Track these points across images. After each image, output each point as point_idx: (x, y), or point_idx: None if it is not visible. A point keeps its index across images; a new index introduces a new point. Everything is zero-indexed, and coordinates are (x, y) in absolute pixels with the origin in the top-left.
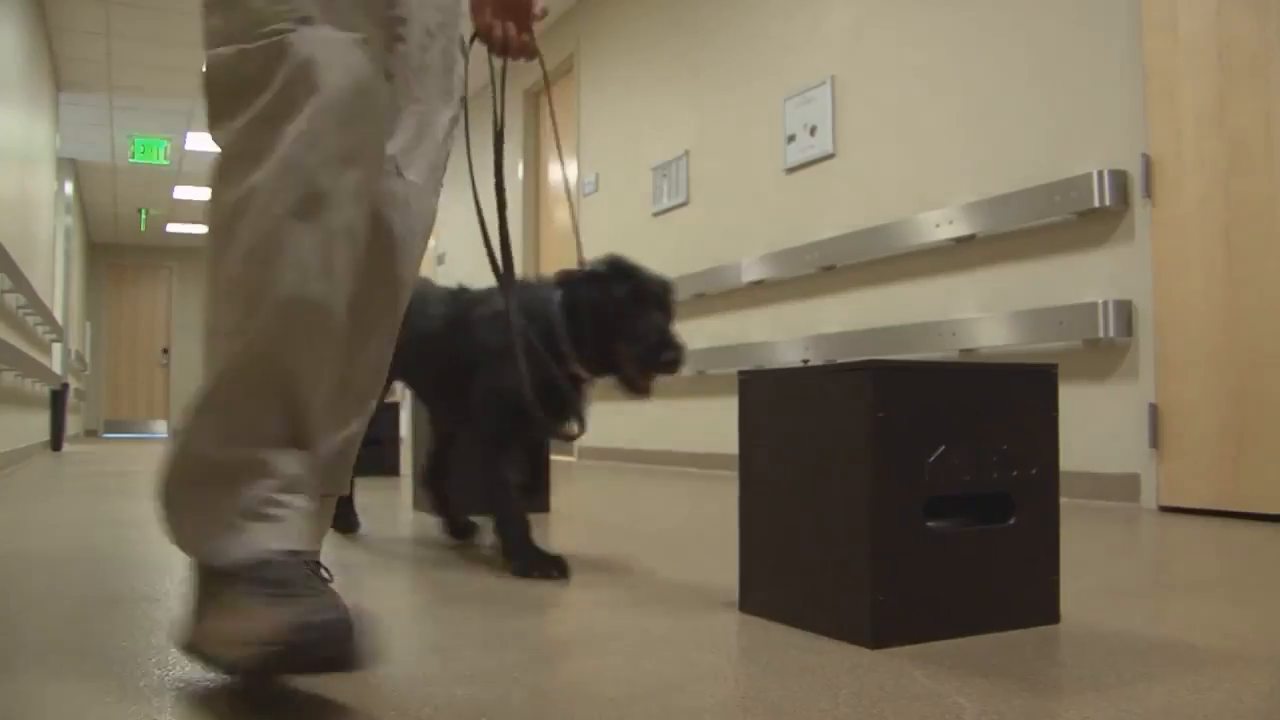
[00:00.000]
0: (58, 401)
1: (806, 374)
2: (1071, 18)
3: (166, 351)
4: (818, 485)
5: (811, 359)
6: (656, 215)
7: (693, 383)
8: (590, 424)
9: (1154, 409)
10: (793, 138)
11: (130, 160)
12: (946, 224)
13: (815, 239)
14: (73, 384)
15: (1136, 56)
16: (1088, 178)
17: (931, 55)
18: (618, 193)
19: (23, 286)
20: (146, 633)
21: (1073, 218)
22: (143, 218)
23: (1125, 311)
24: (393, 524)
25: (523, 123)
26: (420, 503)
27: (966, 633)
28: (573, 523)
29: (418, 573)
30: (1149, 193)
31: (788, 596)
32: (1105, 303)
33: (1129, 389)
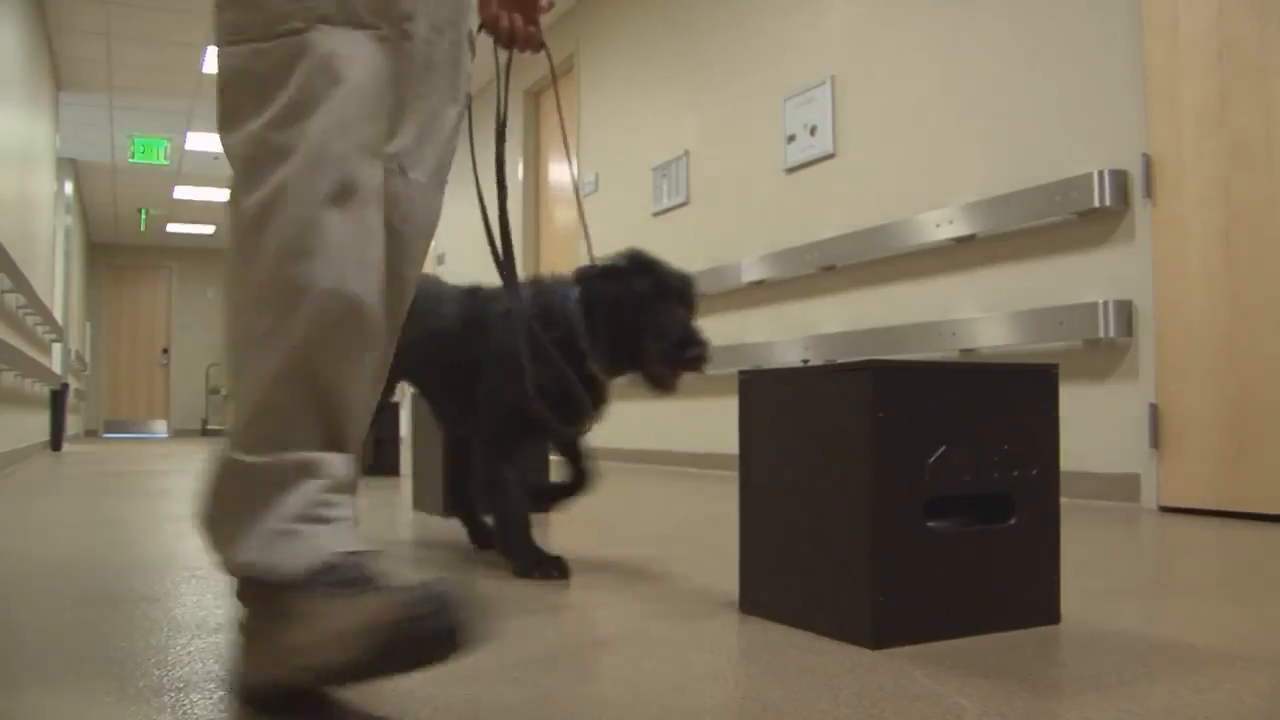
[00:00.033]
0: (57, 401)
1: (806, 374)
2: (1072, 17)
3: (166, 351)
4: (818, 485)
5: (811, 359)
6: (656, 215)
7: (693, 383)
8: (607, 422)
9: (1154, 409)
10: (793, 138)
11: (130, 160)
12: (947, 224)
13: (815, 239)
14: (73, 384)
15: (1137, 56)
16: (1088, 178)
17: (932, 55)
18: (618, 193)
19: (23, 286)
20: (146, 633)
21: (1073, 218)
22: (143, 218)
23: (1125, 311)
24: (392, 524)
25: (523, 122)
26: (420, 502)
27: (967, 633)
28: (573, 523)
29: (417, 573)
30: (1149, 193)
31: (788, 597)
32: (1105, 303)
33: (1129, 389)
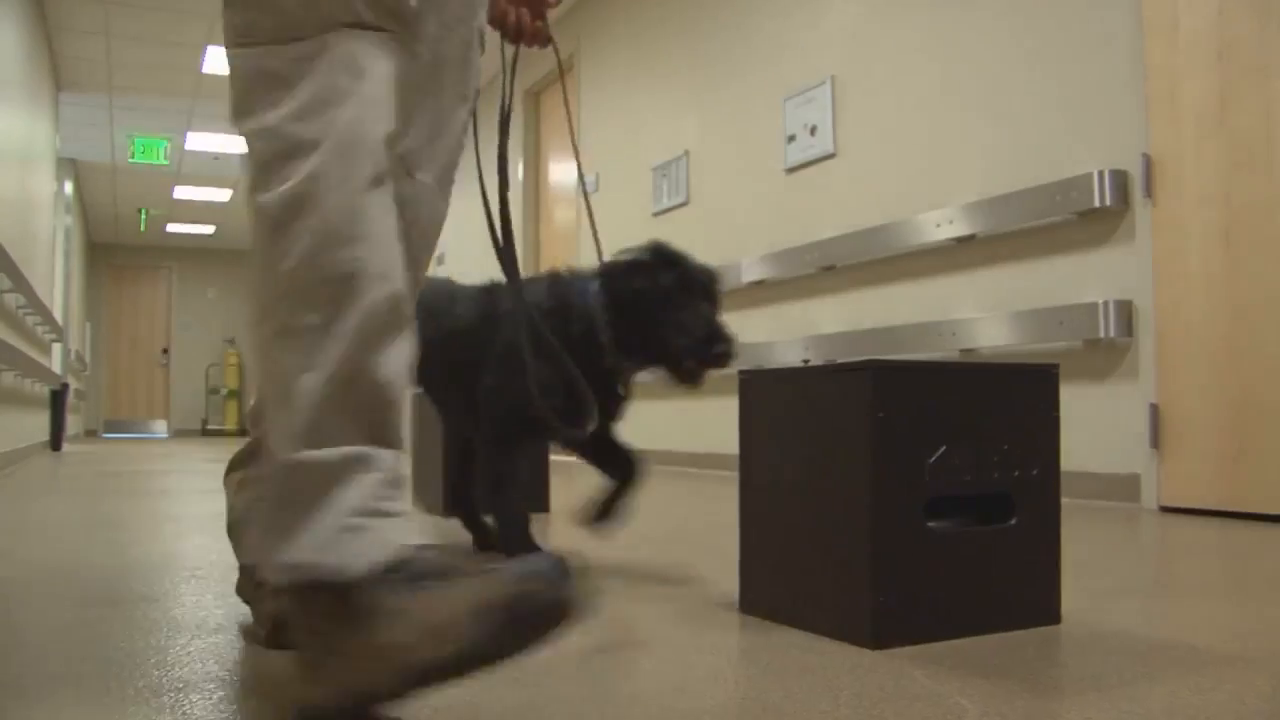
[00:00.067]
0: (57, 401)
1: (806, 374)
2: (1072, 17)
3: (166, 351)
4: (818, 485)
5: (811, 359)
6: (656, 215)
7: None
8: (627, 421)
9: (1154, 409)
10: (793, 137)
11: (130, 160)
12: (947, 224)
13: (815, 239)
14: (72, 384)
15: (1137, 56)
16: (1088, 177)
17: (932, 55)
18: (618, 192)
19: (22, 286)
20: (145, 633)
21: (1073, 218)
22: (143, 218)
23: (1126, 311)
24: None
25: (523, 121)
26: (420, 501)
27: (967, 633)
28: (573, 522)
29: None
30: (1149, 193)
31: (788, 597)
32: (1105, 303)
33: (1129, 389)
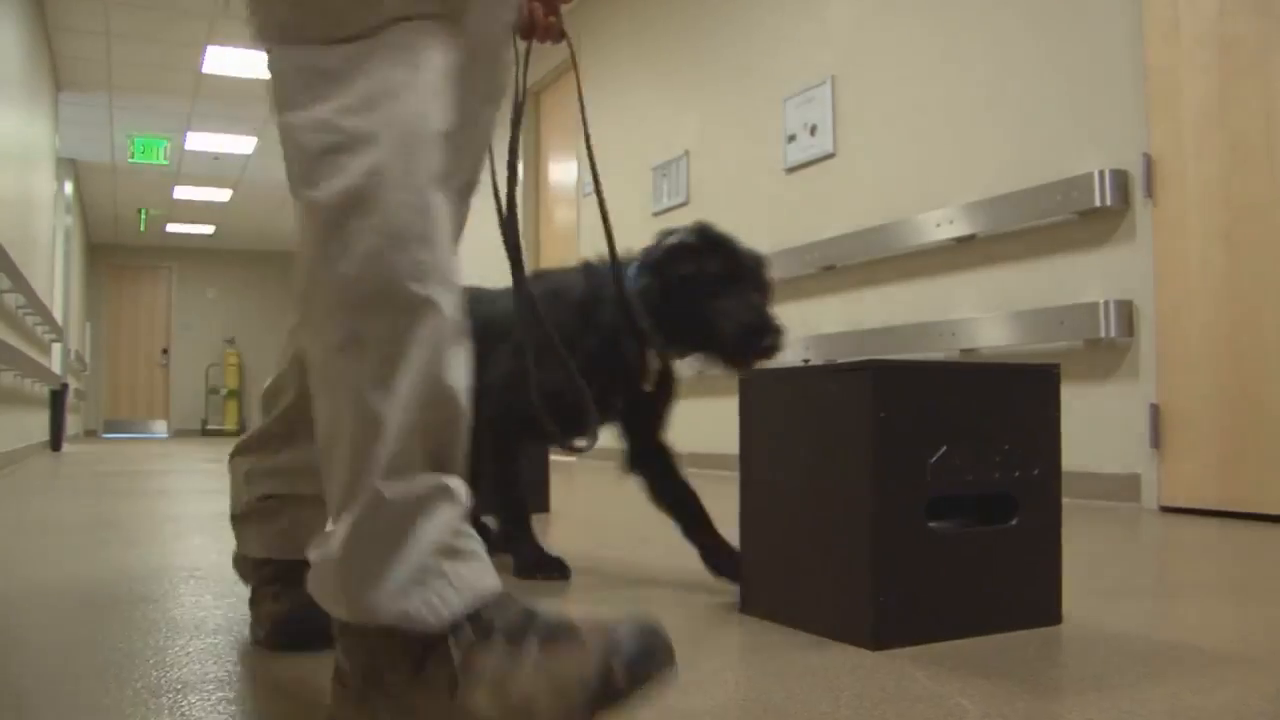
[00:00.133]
0: (57, 401)
1: (807, 374)
2: (1072, 17)
3: (166, 351)
4: (819, 485)
5: (812, 359)
6: (656, 215)
7: (693, 383)
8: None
9: (1155, 409)
10: (793, 137)
11: (130, 160)
12: (947, 224)
13: (815, 239)
14: (72, 384)
15: (1138, 56)
16: (1089, 177)
17: (932, 55)
18: (618, 193)
19: (22, 287)
20: (144, 634)
21: (1074, 217)
22: (142, 218)
23: (1126, 311)
24: None
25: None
26: None
27: (968, 634)
28: (573, 523)
29: None
30: (1150, 192)
31: (788, 597)
32: (1106, 303)
33: (1130, 389)
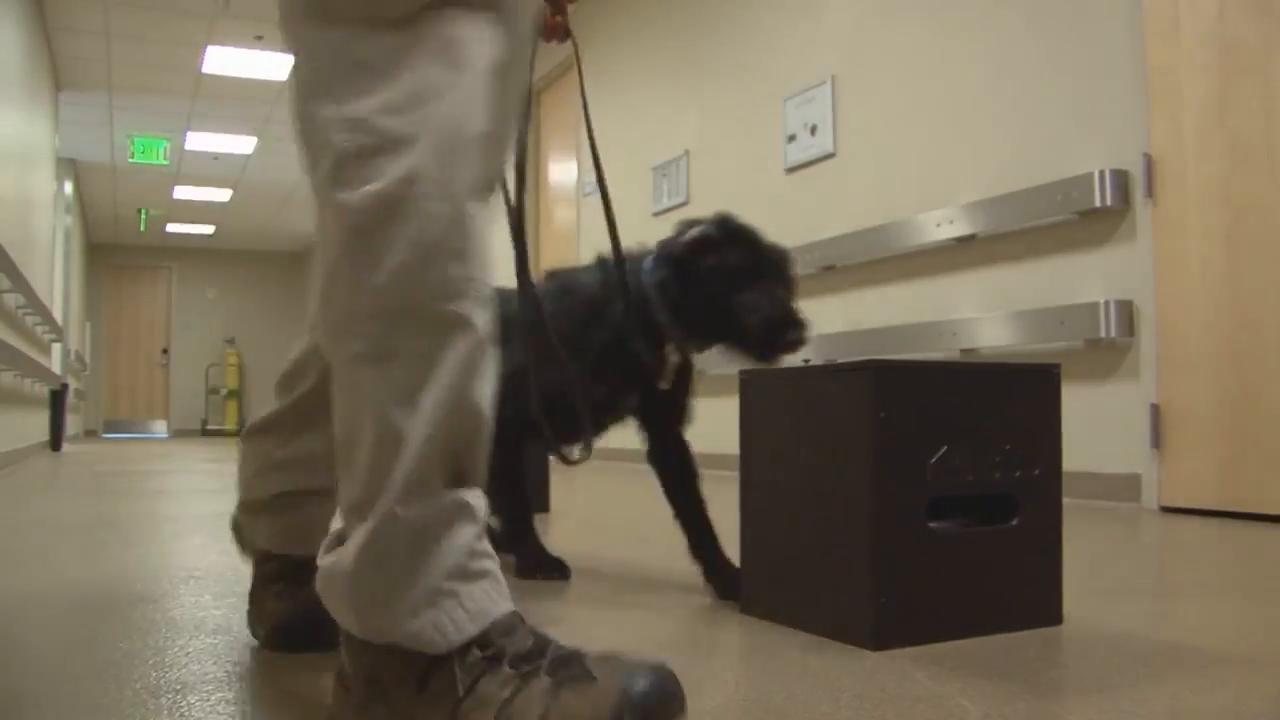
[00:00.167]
0: (57, 401)
1: (807, 374)
2: (1073, 17)
3: (166, 351)
4: (819, 486)
5: (812, 359)
6: (656, 215)
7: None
8: (694, 418)
9: (1155, 409)
10: (793, 137)
11: (130, 160)
12: (947, 224)
13: (816, 239)
14: (72, 384)
15: (1138, 56)
16: (1089, 177)
17: (932, 55)
18: (618, 192)
19: (22, 286)
20: (143, 634)
21: (1074, 217)
22: (142, 218)
23: (1126, 311)
24: None
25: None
26: None
27: (969, 634)
28: (573, 522)
29: None
30: (1150, 192)
31: (788, 598)
32: (1106, 303)
33: (1130, 389)
